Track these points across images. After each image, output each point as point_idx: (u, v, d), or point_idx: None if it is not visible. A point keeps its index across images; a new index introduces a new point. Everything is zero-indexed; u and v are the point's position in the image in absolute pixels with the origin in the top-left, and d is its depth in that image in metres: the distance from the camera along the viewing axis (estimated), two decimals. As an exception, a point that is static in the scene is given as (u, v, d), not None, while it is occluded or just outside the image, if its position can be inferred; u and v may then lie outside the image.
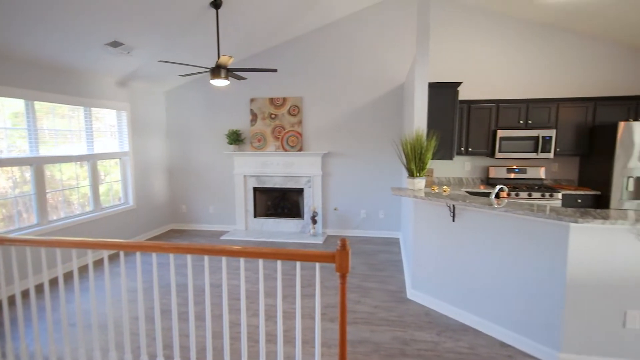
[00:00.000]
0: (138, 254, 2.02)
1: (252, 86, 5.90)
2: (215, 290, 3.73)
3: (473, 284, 3.01)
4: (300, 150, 5.78)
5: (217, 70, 3.61)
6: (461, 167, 5.42)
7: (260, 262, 1.93)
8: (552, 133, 4.77)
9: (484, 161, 5.35)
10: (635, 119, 4.57)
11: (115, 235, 5.17)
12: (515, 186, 4.92)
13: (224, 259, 1.96)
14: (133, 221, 5.52)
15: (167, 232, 6.22)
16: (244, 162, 6.01)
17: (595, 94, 4.96)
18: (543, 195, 4.65)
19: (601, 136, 4.59)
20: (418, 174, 3.42)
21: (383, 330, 2.95)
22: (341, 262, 1.84)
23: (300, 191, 5.97)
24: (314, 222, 5.65)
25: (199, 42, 4.66)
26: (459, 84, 4.38)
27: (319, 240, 5.48)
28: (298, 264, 1.89)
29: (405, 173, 3.99)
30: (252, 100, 5.88)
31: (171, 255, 2.00)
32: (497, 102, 4.92)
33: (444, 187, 3.53)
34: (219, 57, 3.50)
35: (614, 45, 4.91)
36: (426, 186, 3.74)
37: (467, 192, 4.66)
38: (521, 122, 4.89)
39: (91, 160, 4.78)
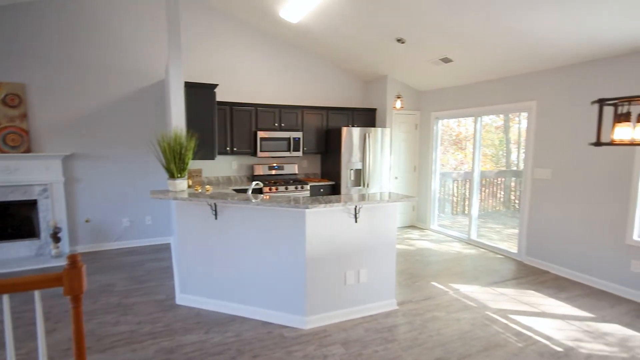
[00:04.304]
0: None
1: None
2: None
3: (238, 275, 3.20)
4: (27, 151, 4.51)
5: None
6: (228, 166, 5.66)
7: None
8: (300, 135, 5.66)
9: (248, 160, 5.78)
10: (353, 125, 6.03)
11: None
12: (276, 181, 5.58)
13: None
14: None
15: None
16: None
17: (327, 104, 6.24)
18: (296, 188, 5.47)
19: (332, 138, 5.82)
20: (179, 175, 3.32)
21: (147, 346, 2.72)
22: (72, 282, 1.55)
23: (32, 204, 4.66)
24: (57, 240, 4.57)
25: None
26: (215, 85, 4.54)
27: (65, 262, 4.47)
28: (6, 297, 1.46)
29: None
30: None
31: None
32: (256, 106, 5.41)
33: (207, 186, 3.58)
34: None
35: (335, 68, 6.32)
36: (194, 186, 3.70)
37: (235, 189, 4.91)
38: (276, 124, 5.57)
39: None
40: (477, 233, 5.56)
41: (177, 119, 3.47)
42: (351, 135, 5.64)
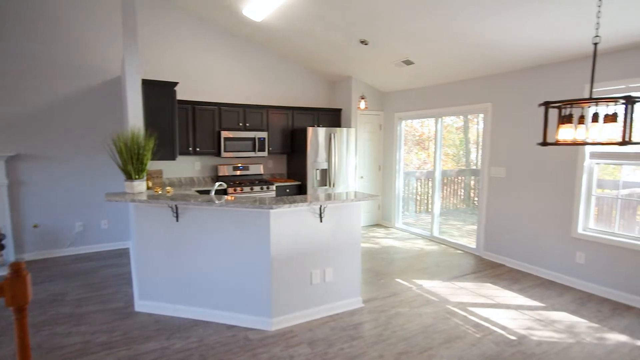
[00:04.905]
0: None
1: None
2: None
3: (201, 278, 3.12)
4: (-34, 152, 4.15)
5: None
6: (191, 166, 5.50)
7: None
8: (265, 135, 5.60)
9: (212, 160, 5.64)
10: (319, 125, 6.05)
11: None
12: (241, 182, 5.48)
13: None
14: None
15: None
16: None
17: (293, 104, 6.22)
18: (262, 189, 5.40)
19: (298, 138, 5.81)
20: (137, 176, 3.18)
21: (102, 357, 2.58)
22: (15, 292, 1.44)
23: (-28, 209, 4.30)
24: (0, 247, 4.23)
25: None
26: (175, 83, 4.39)
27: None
28: None
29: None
30: None
31: None
32: (219, 105, 5.29)
33: (168, 187, 3.46)
34: None
35: (301, 68, 6.31)
36: (153, 188, 3.55)
37: (198, 190, 4.78)
38: (240, 124, 5.48)
39: None
40: (439, 230, 5.76)
41: (134, 117, 3.32)
42: (317, 136, 5.65)
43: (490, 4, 3.15)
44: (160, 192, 3.29)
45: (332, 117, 6.28)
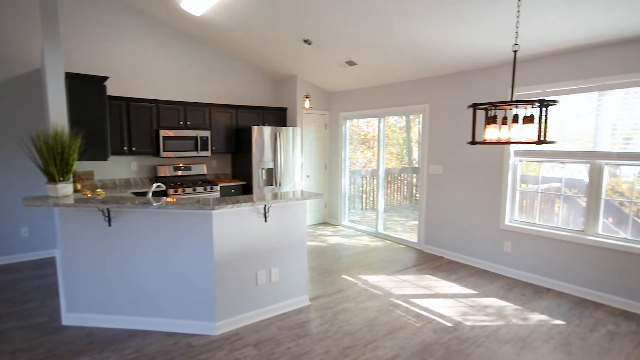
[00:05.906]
0: None
1: None
2: None
3: (138, 285, 2.93)
4: None
5: None
6: (127, 167, 5.14)
7: None
8: (207, 134, 5.40)
9: (151, 160, 5.32)
10: (264, 124, 5.97)
11: None
12: (183, 183, 5.24)
13: None
14: None
15: None
16: None
17: (237, 102, 6.07)
18: (205, 189, 5.21)
19: (243, 137, 5.69)
20: (61, 178, 2.90)
21: (22, 379, 2.32)
22: None
23: None
24: None
25: None
26: (105, 78, 4.08)
27: None
28: None
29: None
30: None
31: None
32: (157, 102, 5.01)
33: (99, 190, 3.21)
34: None
35: (245, 66, 6.19)
36: (82, 190, 3.25)
37: (135, 193, 4.48)
38: (181, 122, 5.23)
39: None
40: (383, 226, 5.97)
41: (57, 114, 3.02)
42: (262, 135, 5.57)
43: (425, 11, 3.32)
44: (90, 195, 3.03)
45: (278, 116, 6.23)
